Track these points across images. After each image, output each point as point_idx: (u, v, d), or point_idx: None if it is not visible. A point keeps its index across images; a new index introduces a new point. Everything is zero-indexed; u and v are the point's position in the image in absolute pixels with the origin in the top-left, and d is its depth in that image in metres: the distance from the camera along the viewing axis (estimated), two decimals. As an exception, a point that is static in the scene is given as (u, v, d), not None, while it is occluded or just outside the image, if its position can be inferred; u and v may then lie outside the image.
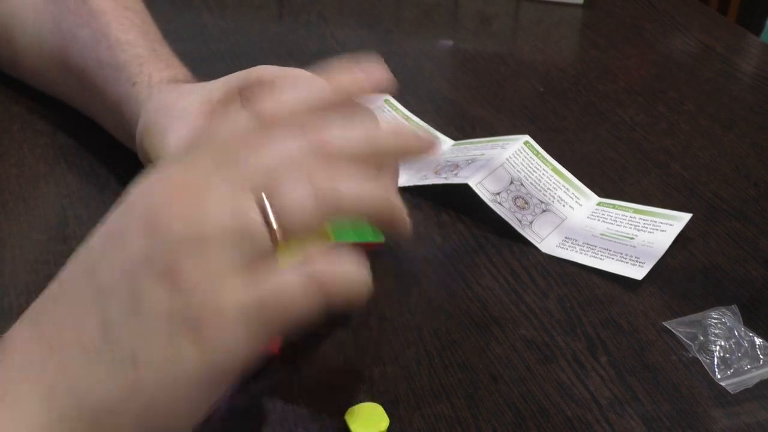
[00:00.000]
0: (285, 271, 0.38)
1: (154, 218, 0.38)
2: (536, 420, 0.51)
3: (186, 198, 0.38)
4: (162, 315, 0.37)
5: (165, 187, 0.39)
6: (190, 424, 0.39)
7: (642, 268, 0.61)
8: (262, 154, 0.39)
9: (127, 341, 0.37)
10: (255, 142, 0.40)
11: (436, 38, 0.94)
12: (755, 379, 0.54)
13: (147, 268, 0.37)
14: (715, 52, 0.91)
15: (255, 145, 0.39)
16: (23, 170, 0.68)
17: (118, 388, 0.37)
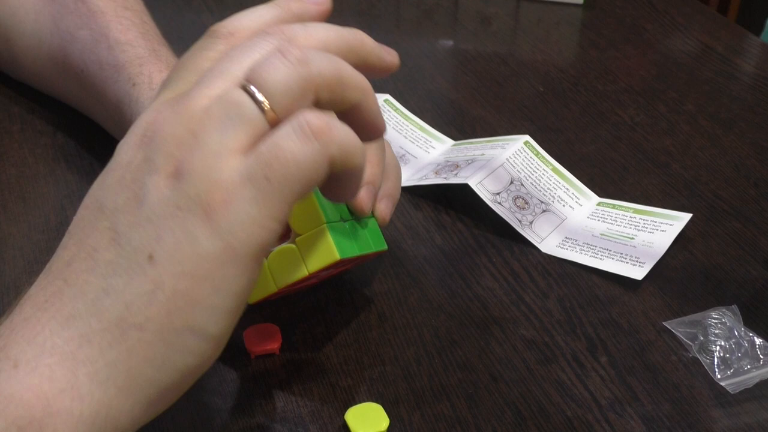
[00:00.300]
0: (280, 127, 0.38)
1: (146, 131, 0.39)
2: (536, 420, 0.51)
3: (174, 106, 0.39)
4: (170, 207, 0.37)
5: (153, 110, 0.40)
6: (221, 320, 0.38)
7: (642, 268, 0.61)
8: (238, 58, 0.40)
9: (140, 244, 0.37)
10: (230, 52, 0.41)
11: (436, 38, 0.94)
12: (755, 379, 0.54)
13: (146, 170, 0.38)
14: (715, 52, 0.91)
15: (230, 54, 0.40)
16: (23, 170, 0.68)
17: (139, 292, 0.37)
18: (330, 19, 0.45)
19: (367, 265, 0.61)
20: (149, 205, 0.38)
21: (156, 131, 0.39)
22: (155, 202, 0.38)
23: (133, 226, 0.38)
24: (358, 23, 0.93)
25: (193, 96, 0.39)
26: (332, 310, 0.57)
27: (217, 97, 0.38)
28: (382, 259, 0.62)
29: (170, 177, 0.38)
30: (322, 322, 0.56)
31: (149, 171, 0.38)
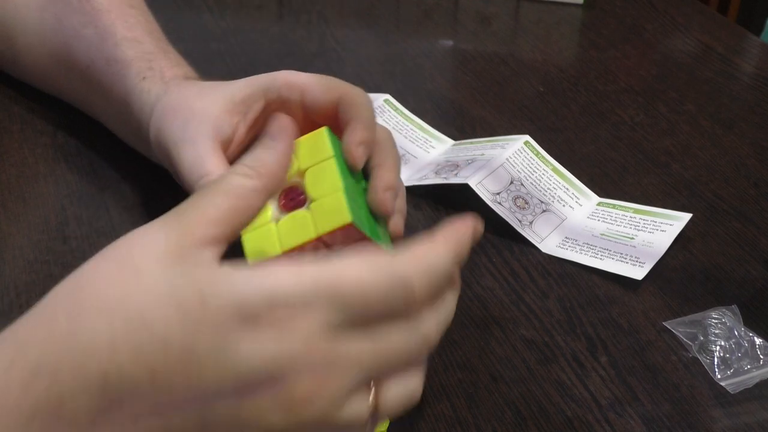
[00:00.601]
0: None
1: (290, 396, 0.37)
2: (536, 420, 0.51)
3: (320, 382, 0.38)
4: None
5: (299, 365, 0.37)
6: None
7: (642, 268, 0.61)
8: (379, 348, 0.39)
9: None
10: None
11: (436, 38, 0.94)
12: (755, 379, 0.54)
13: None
14: (715, 52, 0.91)
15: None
16: (23, 170, 0.68)
17: None
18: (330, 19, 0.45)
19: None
20: None
21: (300, 405, 0.37)
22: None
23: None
24: (358, 23, 0.94)
25: (337, 386, 0.38)
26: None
27: (352, 404, 0.38)
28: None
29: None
30: (322, 322, 0.56)
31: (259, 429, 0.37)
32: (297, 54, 0.87)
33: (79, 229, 0.62)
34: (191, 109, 0.58)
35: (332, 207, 0.51)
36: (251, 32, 0.91)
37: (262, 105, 0.57)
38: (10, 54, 0.74)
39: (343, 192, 0.51)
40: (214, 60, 0.83)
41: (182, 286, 0.37)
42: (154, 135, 0.59)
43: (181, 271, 0.37)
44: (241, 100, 0.57)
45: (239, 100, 0.57)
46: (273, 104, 0.57)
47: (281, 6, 0.97)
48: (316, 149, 0.52)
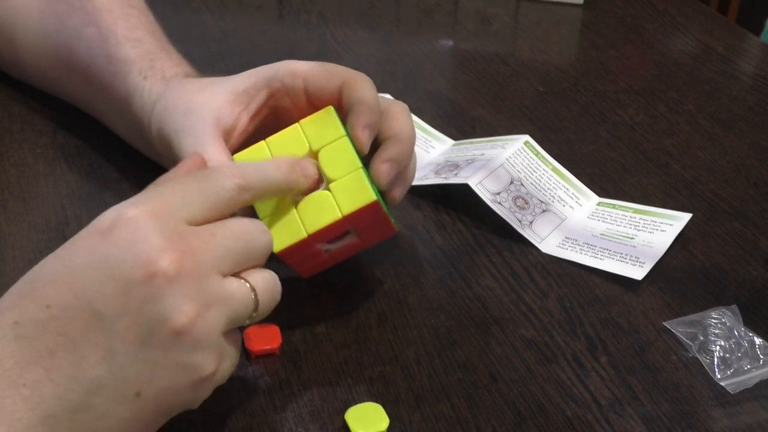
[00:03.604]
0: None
1: (165, 266, 0.43)
2: (536, 420, 0.51)
3: (199, 267, 0.44)
4: (170, 362, 0.43)
5: (170, 243, 0.44)
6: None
7: (642, 268, 0.61)
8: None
9: (131, 378, 0.43)
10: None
11: (436, 38, 0.94)
12: (755, 379, 0.54)
13: (156, 314, 0.43)
14: (715, 52, 0.91)
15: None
16: (23, 170, 0.68)
17: (119, 417, 0.43)
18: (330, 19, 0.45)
19: (368, 265, 0.61)
20: (151, 347, 0.43)
21: (176, 276, 0.43)
22: (158, 348, 0.43)
23: (130, 359, 0.42)
24: (358, 23, 0.94)
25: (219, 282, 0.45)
26: (332, 310, 0.57)
27: (238, 286, 0.46)
28: (382, 259, 0.62)
29: (178, 333, 0.43)
30: (322, 322, 0.56)
31: (159, 317, 0.43)
32: (297, 54, 0.86)
33: (79, 229, 0.62)
34: (192, 101, 0.58)
35: (354, 186, 0.52)
36: (251, 32, 0.91)
37: (265, 95, 0.59)
38: (10, 54, 0.74)
39: (362, 170, 0.52)
40: (214, 60, 0.83)
41: (64, 248, 0.45)
42: (156, 129, 0.60)
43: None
44: (243, 91, 0.58)
45: (241, 91, 0.58)
46: (277, 93, 0.58)
47: (281, 6, 0.97)
48: (325, 129, 0.53)
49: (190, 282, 0.43)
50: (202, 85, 0.60)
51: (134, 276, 0.42)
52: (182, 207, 0.45)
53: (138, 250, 0.42)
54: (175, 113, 0.58)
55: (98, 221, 0.44)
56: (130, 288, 0.42)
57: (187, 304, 0.43)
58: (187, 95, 0.59)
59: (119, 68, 0.64)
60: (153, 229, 0.43)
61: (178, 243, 0.43)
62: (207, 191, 0.46)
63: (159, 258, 0.42)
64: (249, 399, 0.51)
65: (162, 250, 0.43)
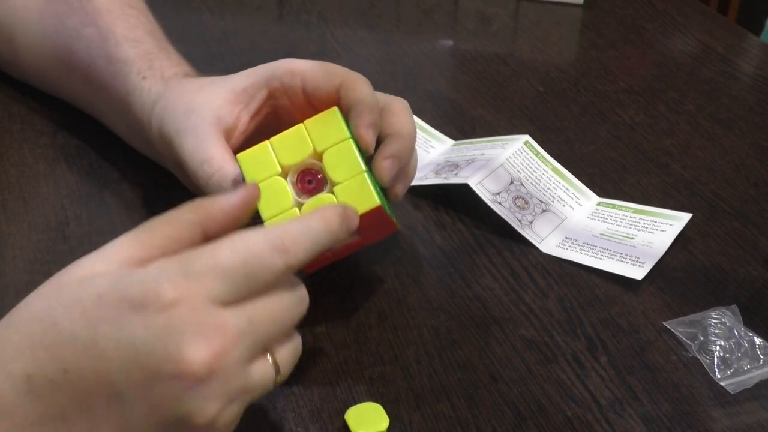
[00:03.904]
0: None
1: (192, 370, 0.41)
2: (536, 420, 0.51)
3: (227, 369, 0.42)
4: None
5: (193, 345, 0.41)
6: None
7: (642, 268, 0.61)
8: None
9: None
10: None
11: (436, 38, 0.94)
12: (755, 379, 0.54)
13: (183, 421, 0.41)
14: (715, 52, 0.91)
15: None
16: (23, 170, 0.68)
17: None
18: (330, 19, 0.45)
19: (368, 264, 0.61)
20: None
21: (206, 378, 0.41)
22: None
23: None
24: (358, 23, 0.94)
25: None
26: (332, 310, 0.57)
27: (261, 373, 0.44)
28: (382, 259, 0.62)
29: (200, 428, 0.41)
30: (322, 322, 0.56)
31: (182, 415, 0.41)
32: (297, 54, 0.86)
33: (79, 228, 0.63)
34: (193, 101, 0.58)
35: (358, 190, 0.52)
36: (251, 32, 0.91)
37: (265, 94, 0.59)
38: (10, 54, 0.74)
39: (366, 174, 0.52)
40: (214, 60, 0.83)
41: (86, 292, 0.42)
42: (157, 129, 0.60)
43: (89, 282, 0.43)
44: (242, 90, 0.58)
45: (241, 90, 0.58)
46: (276, 92, 0.58)
47: (281, 6, 0.97)
48: (329, 130, 0.53)
49: (218, 384, 0.41)
50: (202, 85, 0.60)
51: (163, 370, 0.40)
52: (221, 289, 0.42)
53: (170, 343, 0.40)
54: (176, 113, 0.58)
55: (129, 287, 0.41)
56: (157, 380, 0.40)
57: (211, 404, 0.41)
58: (187, 95, 0.59)
59: (118, 68, 0.64)
60: (188, 321, 0.41)
61: (213, 339, 0.41)
62: (252, 275, 0.43)
63: (190, 357, 0.40)
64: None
65: (194, 348, 0.40)
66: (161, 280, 0.41)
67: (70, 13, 0.69)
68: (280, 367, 0.45)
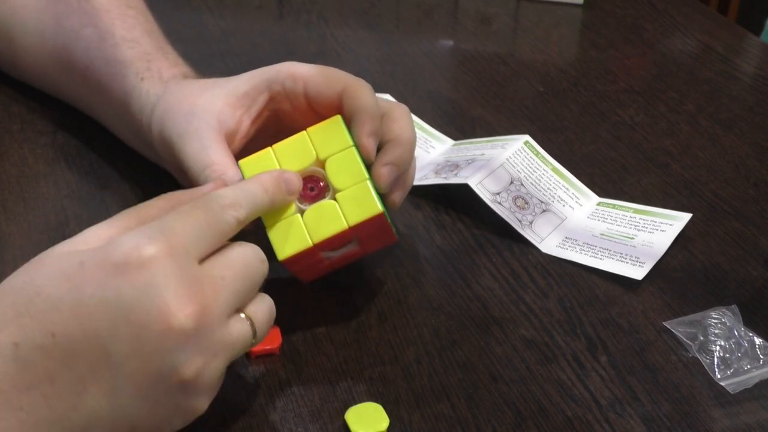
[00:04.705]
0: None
1: (178, 322, 0.43)
2: (536, 420, 0.51)
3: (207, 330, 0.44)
4: (171, 404, 0.44)
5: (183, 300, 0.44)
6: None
7: (642, 268, 0.61)
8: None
9: (132, 415, 0.43)
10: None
11: (436, 38, 0.94)
12: (755, 379, 0.54)
13: (170, 365, 0.43)
14: (715, 52, 0.91)
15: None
16: (23, 170, 0.68)
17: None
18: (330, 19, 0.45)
19: (368, 265, 0.61)
20: (156, 391, 0.43)
21: (191, 331, 0.43)
22: (161, 393, 0.43)
23: (132, 397, 0.43)
24: (358, 23, 0.94)
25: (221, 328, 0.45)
26: (332, 310, 0.57)
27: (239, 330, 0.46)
28: (382, 259, 0.62)
29: (184, 382, 0.43)
30: (322, 322, 0.56)
31: (169, 367, 0.43)
32: (297, 54, 0.87)
33: (79, 228, 0.62)
34: (194, 104, 0.58)
35: (360, 197, 0.52)
36: (251, 32, 0.91)
37: (266, 97, 0.58)
38: (10, 55, 0.74)
39: (369, 182, 0.52)
40: (214, 60, 0.83)
41: (67, 262, 0.43)
42: (157, 132, 0.60)
43: (68, 252, 0.44)
44: (244, 93, 0.58)
45: (242, 94, 0.58)
46: (277, 96, 0.58)
47: (281, 6, 0.97)
48: (332, 138, 0.53)
49: (202, 337, 0.43)
50: (203, 88, 0.60)
51: (150, 324, 0.42)
52: (195, 244, 0.45)
53: (156, 297, 0.42)
54: (177, 116, 0.58)
55: (110, 250, 0.43)
56: (144, 335, 0.42)
57: (197, 358, 0.43)
58: (188, 98, 0.59)
59: (117, 70, 0.64)
60: (171, 274, 0.43)
61: (195, 293, 0.43)
62: (214, 226, 0.46)
63: (177, 311, 0.42)
64: (249, 399, 0.51)
65: (180, 301, 0.42)
66: (140, 239, 0.43)
67: (69, 13, 0.69)
68: (255, 325, 0.47)
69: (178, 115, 0.58)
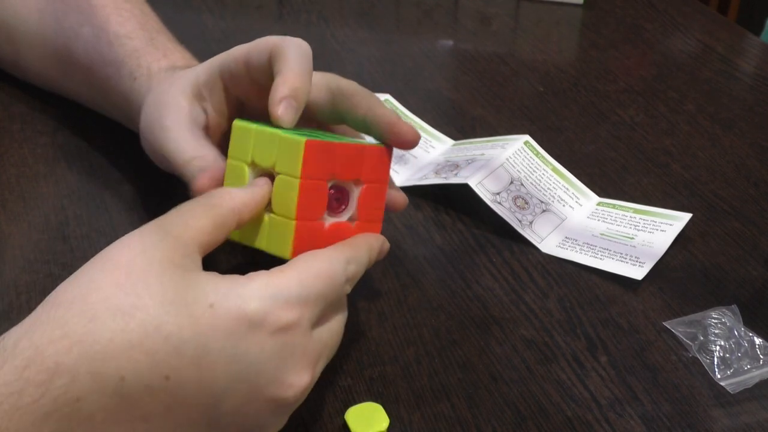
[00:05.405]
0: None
1: (284, 392, 0.43)
2: (536, 420, 0.51)
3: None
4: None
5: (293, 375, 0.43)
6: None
7: (642, 268, 0.61)
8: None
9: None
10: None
11: (436, 38, 0.94)
12: (755, 379, 0.54)
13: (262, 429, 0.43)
14: (715, 52, 0.91)
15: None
16: (23, 170, 0.68)
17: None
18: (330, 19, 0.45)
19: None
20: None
21: (295, 403, 0.44)
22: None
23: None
24: (358, 23, 0.94)
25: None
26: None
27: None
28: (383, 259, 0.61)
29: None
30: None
31: (261, 428, 0.43)
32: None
33: (79, 229, 0.62)
34: (166, 102, 0.57)
35: (280, 234, 0.48)
36: (251, 32, 0.91)
37: (221, 85, 0.56)
38: (13, 55, 0.74)
39: (294, 224, 0.47)
40: (214, 60, 0.83)
41: (191, 294, 0.40)
42: (142, 131, 0.60)
43: (182, 277, 0.40)
44: (204, 84, 0.56)
45: (203, 84, 0.56)
46: (228, 83, 0.55)
47: (281, 6, 0.97)
48: (291, 158, 0.48)
49: (297, 404, 0.44)
50: (173, 81, 0.58)
51: (266, 389, 0.42)
52: (319, 315, 0.45)
53: (281, 366, 0.42)
54: (154, 114, 0.58)
55: (246, 304, 0.41)
56: (255, 397, 0.42)
57: (284, 421, 0.45)
58: (161, 96, 0.58)
59: (113, 71, 0.64)
60: (299, 347, 0.43)
61: (310, 367, 0.43)
62: (335, 300, 0.46)
63: (294, 383, 0.43)
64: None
65: (299, 375, 0.43)
66: (279, 302, 0.42)
67: (67, 12, 0.68)
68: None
69: (155, 114, 0.57)
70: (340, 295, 0.47)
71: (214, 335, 0.40)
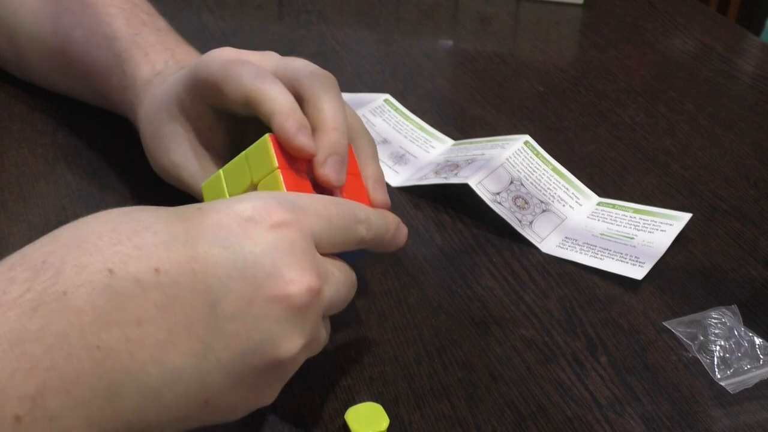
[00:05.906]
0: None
1: (301, 301, 0.41)
2: (536, 420, 0.51)
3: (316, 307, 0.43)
4: (251, 383, 0.41)
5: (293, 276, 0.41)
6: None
7: (642, 268, 0.61)
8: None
9: (212, 386, 0.40)
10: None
11: (436, 38, 0.94)
12: (755, 379, 0.54)
13: (268, 345, 0.40)
14: (715, 52, 0.91)
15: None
16: (23, 170, 0.68)
17: (175, 416, 0.40)
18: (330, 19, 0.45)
19: (368, 265, 0.61)
20: (246, 363, 0.40)
21: (301, 309, 0.41)
22: (251, 367, 0.40)
23: (220, 366, 0.39)
24: (358, 23, 0.94)
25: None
26: (332, 310, 0.57)
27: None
28: (382, 259, 0.62)
29: (276, 362, 0.41)
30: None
31: (270, 339, 0.40)
32: (297, 54, 0.87)
33: (79, 229, 0.62)
34: (160, 129, 0.57)
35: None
36: (251, 32, 0.91)
37: (198, 100, 0.55)
38: (14, 55, 0.74)
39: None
40: (214, 60, 0.83)
41: (183, 208, 0.41)
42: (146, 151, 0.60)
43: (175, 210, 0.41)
44: (184, 97, 0.56)
45: (183, 97, 0.55)
46: (201, 100, 0.55)
47: (281, 6, 0.97)
48: (262, 160, 0.50)
49: (308, 320, 0.41)
50: (159, 106, 0.57)
51: (266, 286, 0.39)
52: (319, 233, 0.43)
53: (279, 260, 0.40)
54: (152, 146, 0.58)
55: (239, 204, 0.41)
56: (257, 297, 0.39)
57: (298, 338, 0.41)
58: (152, 120, 0.58)
59: (104, 77, 0.65)
60: (298, 245, 0.40)
61: (314, 272, 0.41)
62: (343, 231, 0.44)
63: (297, 280, 0.40)
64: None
65: (301, 273, 0.40)
66: (271, 202, 0.41)
67: (61, 14, 0.68)
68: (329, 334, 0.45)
69: (156, 143, 0.58)
70: (349, 225, 0.44)
71: (204, 228, 0.39)
